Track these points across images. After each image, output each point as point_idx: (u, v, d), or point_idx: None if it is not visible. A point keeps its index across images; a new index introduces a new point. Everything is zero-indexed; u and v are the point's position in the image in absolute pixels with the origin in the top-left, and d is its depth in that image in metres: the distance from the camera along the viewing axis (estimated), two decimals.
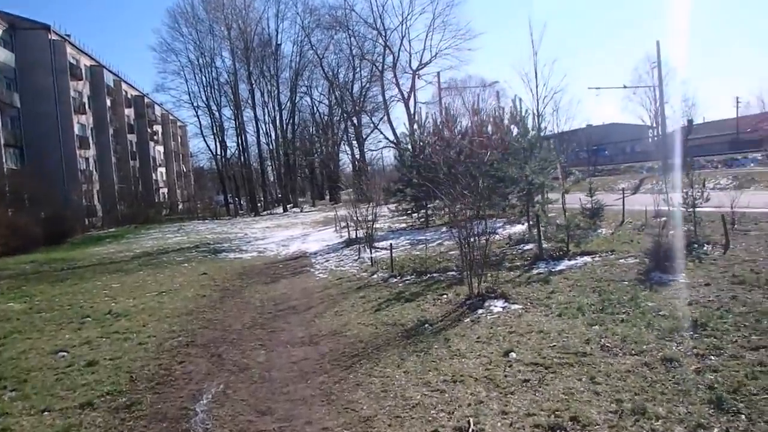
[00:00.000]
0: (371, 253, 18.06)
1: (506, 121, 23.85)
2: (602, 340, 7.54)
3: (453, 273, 13.75)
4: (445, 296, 11.59)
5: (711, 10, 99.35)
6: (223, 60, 73.84)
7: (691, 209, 13.17)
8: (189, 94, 72.92)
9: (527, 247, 15.91)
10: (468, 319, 9.60)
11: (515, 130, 18.84)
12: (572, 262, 13.09)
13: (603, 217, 16.63)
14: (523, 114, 17.40)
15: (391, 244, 16.06)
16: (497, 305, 10.17)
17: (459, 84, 54.78)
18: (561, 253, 13.89)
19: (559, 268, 12.73)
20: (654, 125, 74.99)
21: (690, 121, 49.92)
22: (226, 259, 23.96)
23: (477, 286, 10.88)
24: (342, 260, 19.50)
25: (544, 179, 16.98)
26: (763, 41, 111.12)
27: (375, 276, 15.22)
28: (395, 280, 14.20)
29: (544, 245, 14.24)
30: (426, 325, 9.58)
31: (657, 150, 57.07)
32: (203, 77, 71.75)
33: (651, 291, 9.55)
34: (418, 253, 18.28)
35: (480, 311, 9.96)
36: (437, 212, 27.75)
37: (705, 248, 12.14)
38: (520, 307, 9.87)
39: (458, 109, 33.45)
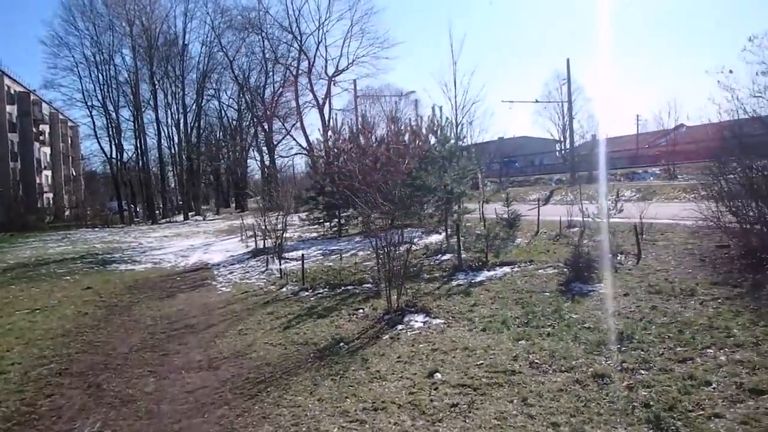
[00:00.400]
0: (280, 264, 17.15)
1: (424, 130, 23.55)
2: (530, 356, 7.33)
3: (369, 285, 13.23)
4: (361, 311, 11.02)
5: (617, 33, 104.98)
6: (123, 58, 70.34)
7: (605, 219, 13.12)
8: (83, 93, 68.93)
9: (445, 257, 15.48)
10: (387, 336, 9.09)
11: (433, 139, 18.37)
12: (492, 272, 12.92)
13: (519, 227, 16.52)
14: (443, 123, 16.98)
15: (303, 255, 15.20)
16: (418, 320, 9.74)
17: (376, 92, 54.43)
18: (480, 263, 13.65)
19: (479, 279, 12.53)
20: (561, 139, 78.07)
21: (594, 136, 51.91)
22: (116, 271, 22.35)
23: (396, 300, 10.37)
24: (248, 272, 18.45)
25: (464, 188, 16.59)
26: (661, 65, 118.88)
27: (284, 289, 14.37)
28: (307, 293, 13.42)
29: (463, 255, 13.89)
30: (341, 344, 9.00)
31: (564, 163, 59.03)
32: (100, 75, 68.10)
33: (573, 302, 9.49)
34: (331, 264, 17.51)
35: (399, 327, 9.49)
36: (351, 221, 27.09)
37: (619, 258, 12.32)
38: (442, 321, 9.50)
39: (375, 117, 32.91)
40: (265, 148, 71.65)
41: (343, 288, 13.38)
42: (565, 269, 11.45)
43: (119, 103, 69.12)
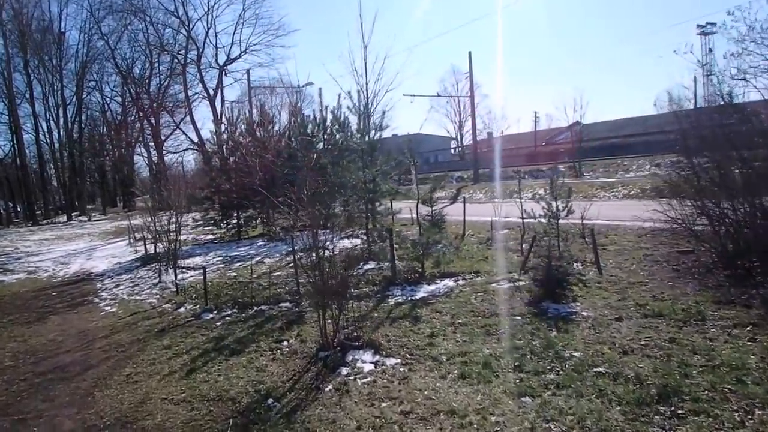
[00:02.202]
0: (176, 275, 14.06)
1: (329, 122, 21.05)
2: (552, 426, 5.02)
3: (287, 305, 10.67)
4: (285, 343, 8.45)
5: (515, 31, 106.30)
6: None
7: (552, 221, 11.24)
8: None
9: (369, 266, 13.10)
10: (331, 387, 6.57)
11: (354, 127, 15.84)
12: (433, 286, 10.73)
13: (444, 229, 14.38)
14: (360, 110, 14.57)
15: (204, 268, 12.26)
16: (366, 360, 7.29)
17: (271, 83, 50.21)
18: (416, 275, 11.39)
19: (419, 295, 10.26)
20: (457, 136, 77.19)
21: (490, 134, 51.11)
22: None
23: (333, 330, 7.73)
24: (137, 285, 15.24)
25: (389, 185, 14.24)
26: (557, 62, 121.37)
27: (183, 309, 11.48)
28: (211, 315, 10.63)
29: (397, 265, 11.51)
30: (270, 401, 6.44)
31: (461, 160, 58.09)
32: None
33: (560, 331, 7.37)
34: (235, 274, 14.66)
35: (344, 371, 6.99)
36: (251, 222, 24.19)
37: (576, 267, 10.55)
38: (399, 362, 7.08)
39: (273, 109, 29.78)
40: (152, 144, 65.93)
41: (255, 308, 10.66)
42: (525, 283, 9.62)
43: None
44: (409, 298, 10.02)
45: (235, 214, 24.03)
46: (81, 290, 15.48)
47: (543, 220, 10.79)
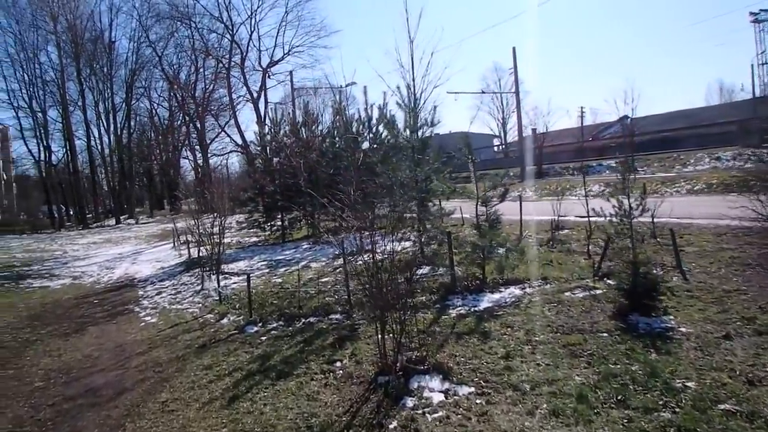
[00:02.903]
0: (218, 282, 13.09)
1: (374, 120, 19.94)
2: None
3: (338, 317, 9.49)
4: (339, 364, 7.26)
5: (557, 25, 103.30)
6: (48, 56, 62.92)
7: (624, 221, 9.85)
8: (8, 93, 61.52)
9: (422, 271, 11.83)
10: (395, 425, 5.48)
11: (402, 124, 14.63)
12: (497, 295, 9.45)
13: (501, 230, 13.05)
14: (410, 106, 13.40)
15: (248, 276, 11.19)
16: (434, 388, 6.13)
17: (314, 84, 48.90)
18: (477, 282, 10.04)
19: (483, 305, 8.96)
20: (500, 134, 75.09)
21: (534, 130, 49.01)
22: (28, 289, 17.79)
23: (393, 350, 6.56)
24: (180, 292, 14.32)
25: (446, 185, 12.99)
26: (601, 56, 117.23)
27: (225, 321, 10.45)
28: (255, 328, 9.55)
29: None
30: None
31: (505, 158, 56.21)
32: (25, 74, 60.46)
33: (659, 353, 6.06)
34: (280, 280, 13.61)
35: (409, 402, 5.83)
36: (295, 225, 23.20)
37: (657, 273, 8.99)
38: (473, 391, 5.90)
39: (316, 109, 28.68)
40: (197, 147, 65.75)
41: (303, 321, 9.56)
42: (603, 291, 8.32)
43: (46, 103, 61.77)
44: (473, 309, 8.79)
45: (280, 216, 23.08)
46: (122, 298, 14.65)
47: (614, 219, 9.42)
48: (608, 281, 8.75)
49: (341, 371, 6.93)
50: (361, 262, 7.80)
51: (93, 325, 11.58)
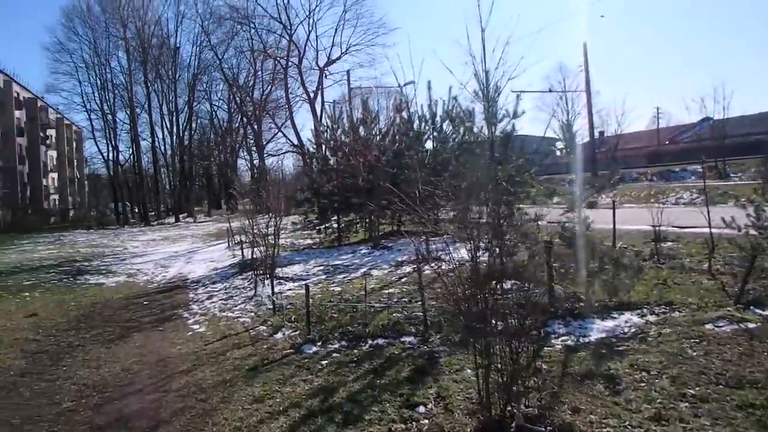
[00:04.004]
0: (272, 289, 11.52)
1: (438, 117, 18.21)
2: None
3: (411, 339, 7.78)
4: (422, 409, 5.59)
5: (630, 23, 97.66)
6: (118, 60, 63.89)
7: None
8: (82, 96, 62.78)
9: (506, 286, 10.06)
10: None
11: (479, 116, 12.74)
12: (610, 323, 7.58)
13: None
14: (489, 96, 11.63)
15: (307, 287, 9.48)
16: None
17: (371, 84, 46.60)
18: (579, 304, 8.19)
19: (594, 335, 7.13)
20: (563, 137, 71.53)
21: (602, 133, 45.90)
22: (84, 285, 16.78)
23: (500, 399, 4.81)
24: (231, 297, 12.88)
25: (538, 185, 11.19)
26: (671, 58, 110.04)
27: (280, 336, 8.85)
28: (314, 349, 7.92)
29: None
30: None
31: (572, 162, 53.05)
32: (97, 79, 61.93)
33: None
34: (339, 289, 12.02)
35: None
36: (352, 227, 21.68)
37: None
38: None
39: (374, 107, 26.96)
40: (254, 148, 65.11)
41: (370, 343, 7.90)
42: (762, 324, 6.48)
43: (115, 106, 63.14)
44: (582, 340, 6.96)
45: (336, 218, 21.57)
46: (172, 301, 13.30)
47: (753, 232, 7.45)
48: (757, 310, 6.80)
49: (426, 420, 5.21)
50: (447, 271, 6.12)
51: (138, 332, 10.18)
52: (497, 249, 11.28)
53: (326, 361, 7.28)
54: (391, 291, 11.09)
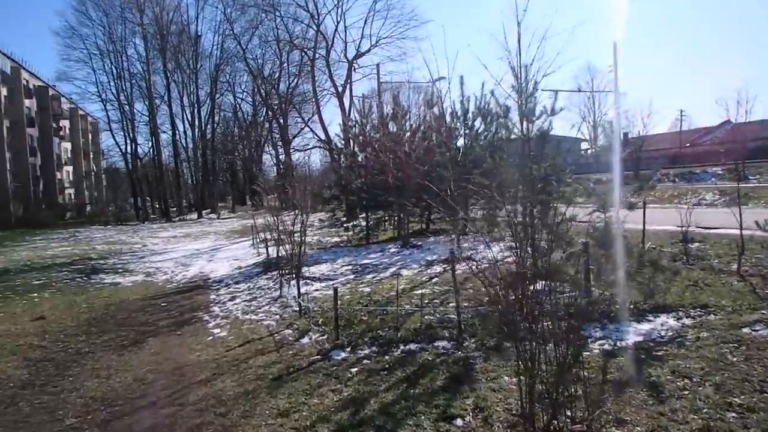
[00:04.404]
0: (299, 290, 11.31)
1: (470, 114, 17.78)
2: None
3: (444, 344, 7.51)
4: (459, 422, 5.45)
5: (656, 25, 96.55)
6: (135, 48, 63.82)
7: None
8: (97, 85, 62.77)
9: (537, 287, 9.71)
10: None
11: (515, 114, 12.35)
12: (645, 326, 7.54)
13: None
14: (527, 91, 11.19)
15: (335, 289, 9.17)
16: None
17: (402, 79, 45.83)
18: (614, 306, 7.89)
19: (631, 339, 7.04)
20: (590, 137, 70.83)
21: (626, 134, 45.36)
22: (98, 285, 16.75)
23: (544, 412, 4.49)
24: (255, 298, 12.71)
25: (573, 184, 10.77)
26: (694, 61, 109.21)
27: (306, 341, 8.62)
28: (343, 355, 7.67)
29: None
30: None
31: (597, 162, 52.44)
32: (113, 67, 61.24)
33: None
34: (368, 290, 11.76)
35: None
36: (381, 225, 21.42)
37: None
38: None
39: (405, 102, 26.62)
40: (280, 143, 64.81)
41: (402, 348, 7.64)
42: None
43: (133, 96, 62.67)
44: (619, 344, 6.76)
45: (364, 216, 21.33)
46: (192, 302, 13.16)
47: None
48: None
49: None
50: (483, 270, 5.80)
51: (154, 336, 10.04)
52: (530, 249, 10.93)
53: (356, 369, 7.02)
54: (422, 292, 10.80)
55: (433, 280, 12.09)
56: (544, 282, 6.67)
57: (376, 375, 6.71)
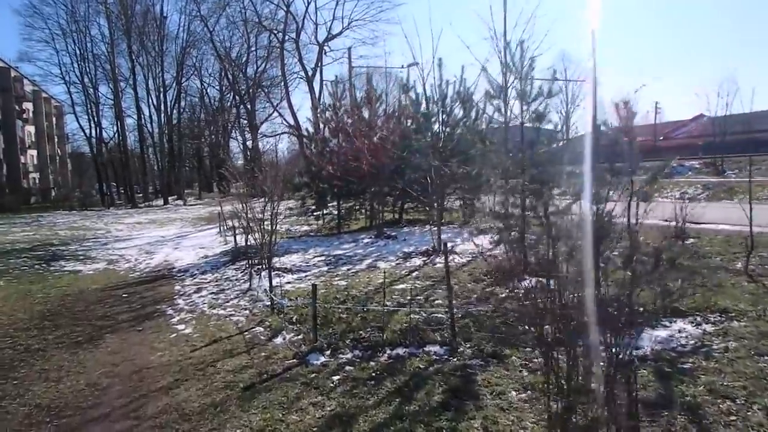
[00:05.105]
0: (270, 283, 10.27)
1: (448, 99, 16.89)
2: None
3: (436, 349, 6.65)
4: None
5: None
6: (99, 29, 61.05)
7: None
8: (60, 67, 60.08)
9: (526, 283, 8.97)
10: None
11: (513, 91, 11.43)
12: (662, 333, 6.63)
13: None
14: (521, 72, 10.36)
15: (314, 286, 8.10)
16: None
17: (374, 64, 44.14)
18: (625, 310, 7.05)
19: (647, 346, 6.19)
20: (562, 128, 70.44)
21: (599, 125, 45.17)
22: (57, 273, 15.51)
23: None
24: (223, 290, 11.67)
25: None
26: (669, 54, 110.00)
27: (280, 341, 7.67)
28: (322, 359, 6.75)
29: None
30: None
31: (570, 154, 52.18)
32: (77, 48, 58.60)
33: None
34: (344, 283, 10.84)
35: None
36: (352, 214, 20.52)
37: None
38: None
39: (378, 87, 25.48)
40: (247, 128, 62.80)
41: (388, 354, 6.73)
42: None
43: (97, 79, 60.02)
44: (632, 352, 5.88)
45: (335, 204, 20.36)
46: (155, 293, 12.05)
47: None
48: None
49: None
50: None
51: (112, 333, 8.95)
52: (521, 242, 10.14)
53: (338, 377, 6.11)
54: (402, 287, 9.96)
55: (414, 274, 11.24)
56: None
57: (362, 385, 5.81)
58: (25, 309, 10.98)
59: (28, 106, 67.84)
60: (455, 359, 6.32)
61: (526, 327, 5.20)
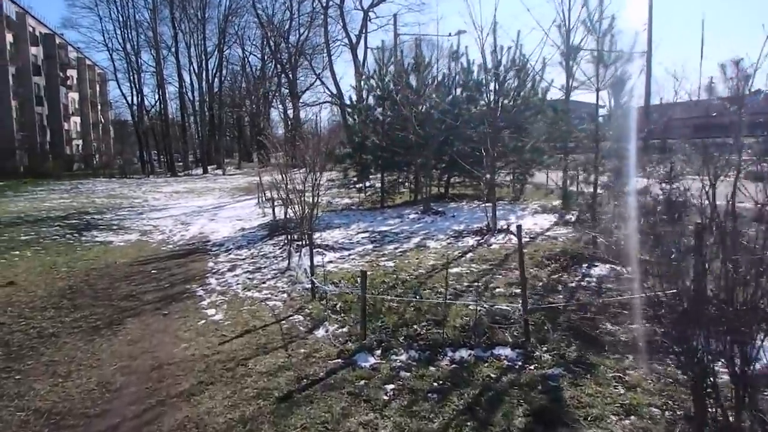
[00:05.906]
0: (312, 265, 9.10)
1: (502, 67, 15.43)
2: None
3: (507, 352, 5.48)
4: None
5: None
6: None
7: None
8: (103, 33, 60.01)
9: (598, 271, 7.90)
10: None
11: (579, 58, 10.08)
12: None
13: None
14: (604, 28, 8.97)
15: (364, 273, 6.81)
16: None
17: (422, 30, 41.39)
18: (730, 309, 5.74)
19: (764, 358, 4.63)
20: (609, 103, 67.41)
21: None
22: (87, 243, 14.86)
23: None
24: (259, 269, 10.67)
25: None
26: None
27: (322, 334, 6.58)
28: (372, 361, 5.63)
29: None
30: None
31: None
32: (119, 15, 58.26)
33: None
34: (392, 264, 9.72)
35: None
36: (397, 187, 19.36)
37: None
38: None
39: (428, 54, 23.88)
40: (288, 98, 61.43)
41: (450, 357, 5.59)
42: None
43: (140, 46, 59.57)
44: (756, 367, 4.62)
45: (377, 177, 19.20)
46: (186, 271, 11.12)
47: None
48: None
49: None
50: None
51: (135, 316, 8.02)
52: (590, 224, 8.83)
53: (393, 386, 5.00)
54: (456, 270, 8.80)
55: (468, 256, 10.05)
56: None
57: (422, 400, 4.69)
58: (46, 284, 10.20)
59: (72, 72, 68.01)
60: (531, 367, 5.16)
61: (664, 333, 3.96)
